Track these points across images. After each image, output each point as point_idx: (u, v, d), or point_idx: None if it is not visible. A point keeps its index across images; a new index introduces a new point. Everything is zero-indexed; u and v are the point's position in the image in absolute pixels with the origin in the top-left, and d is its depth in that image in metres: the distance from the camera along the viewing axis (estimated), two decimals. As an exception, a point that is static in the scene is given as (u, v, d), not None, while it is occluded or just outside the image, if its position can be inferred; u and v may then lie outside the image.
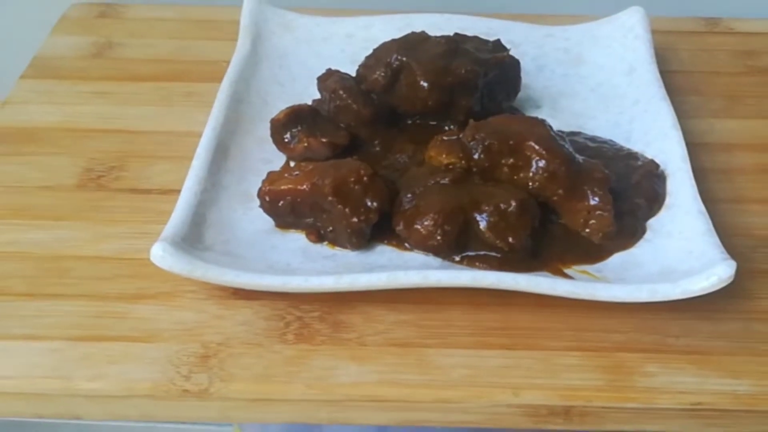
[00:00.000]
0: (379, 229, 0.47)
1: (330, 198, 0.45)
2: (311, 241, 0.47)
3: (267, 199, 0.47)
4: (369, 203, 0.46)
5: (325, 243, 0.48)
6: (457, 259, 0.46)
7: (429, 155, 0.50)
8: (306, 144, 0.52)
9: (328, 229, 0.47)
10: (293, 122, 0.53)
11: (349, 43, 0.63)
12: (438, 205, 0.46)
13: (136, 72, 0.62)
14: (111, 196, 0.52)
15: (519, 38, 0.62)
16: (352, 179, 0.46)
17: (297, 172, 0.47)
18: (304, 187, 0.46)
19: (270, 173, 0.48)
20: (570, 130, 0.55)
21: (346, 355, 0.42)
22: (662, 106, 0.54)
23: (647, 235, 0.48)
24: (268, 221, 0.49)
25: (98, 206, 0.51)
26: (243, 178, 0.51)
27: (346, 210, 0.45)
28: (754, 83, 0.63)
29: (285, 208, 0.47)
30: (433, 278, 0.43)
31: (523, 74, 0.56)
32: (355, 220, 0.45)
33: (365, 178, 0.46)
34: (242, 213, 0.49)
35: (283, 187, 0.47)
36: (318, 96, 0.56)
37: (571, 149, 0.48)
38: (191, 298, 0.45)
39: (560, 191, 0.47)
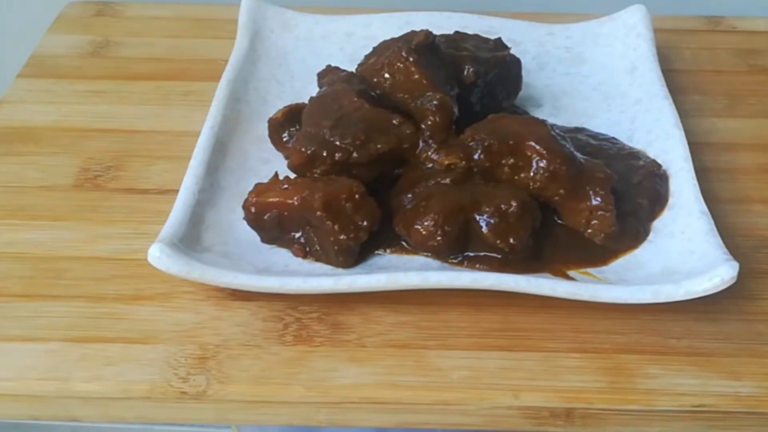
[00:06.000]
0: (378, 234, 0.46)
1: (319, 213, 0.44)
2: (298, 256, 0.46)
3: (253, 210, 0.46)
4: (359, 222, 0.45)
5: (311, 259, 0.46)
6: (458, 260, 0.46)
7: (429, 155, 0.50)
8: (305, 143, 0.52)
9: (315, 247, 0.46)
10: (291, 121, 0.52)
11: (348, 42, 0.62)
12: (438, 205, 0.45)
13: (134, 71, 0.62)
14: (108, 196, 0.51)
15: (520, 37, 0.62)
16: (344, 196, 0.45)
17: (286, 186, 0.46)
18: (293, 200, 0.45)
19: (257, 185, 0.47)
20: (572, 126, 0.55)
21: (345, 356, 0.42)
22: (664, 105, 0.54)
23: (649, 235, 0.47)
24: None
25: (95, 206, 0.50)
26: (241, 177, 0.50)
27: (335, 227, 0.44)
28: (757, 82, 0.62)
29: (271, 221, 0.46)
30: (433, 280, 0.43)
31: (524, 73, 0.56)
32: (343, 237, 0.44)
33: (357, 196, 0.45)
34: (240, 213, 0.48)
35: (270, 200, 0.45)
36: (317, 95, 0.55)
37: (572, 149, 0.48)
38: (189, 299, 0.45)
39: (562, 191, 0.47)
